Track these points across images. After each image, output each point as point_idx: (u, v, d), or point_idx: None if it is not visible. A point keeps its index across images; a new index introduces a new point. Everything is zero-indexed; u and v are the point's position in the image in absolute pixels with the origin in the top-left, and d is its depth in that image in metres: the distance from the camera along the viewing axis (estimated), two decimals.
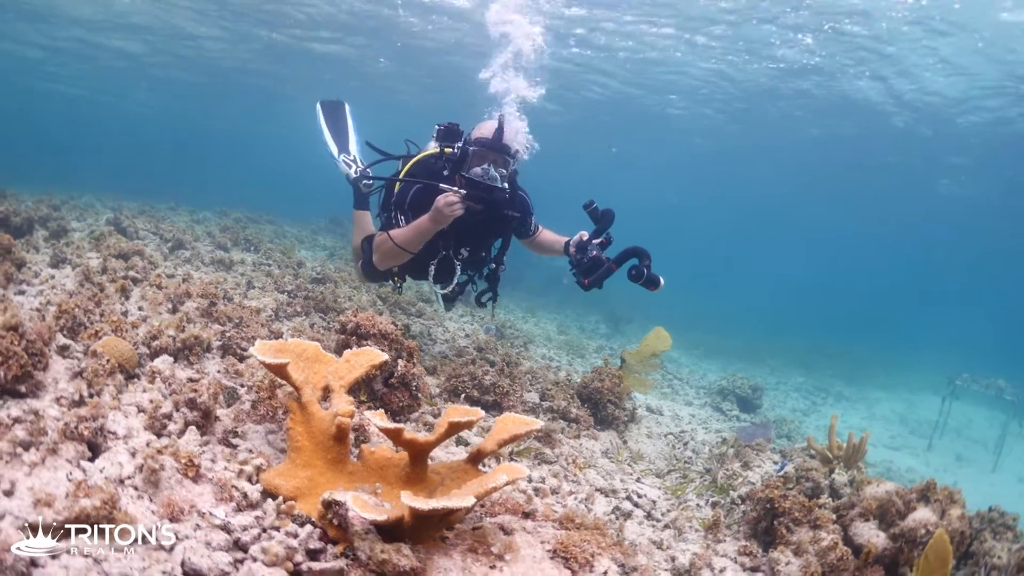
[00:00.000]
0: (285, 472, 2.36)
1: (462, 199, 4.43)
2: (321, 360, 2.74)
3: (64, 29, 21.40)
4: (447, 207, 4.41)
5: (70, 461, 2.15)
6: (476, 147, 4.66)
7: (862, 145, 22.92)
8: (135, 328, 3.63)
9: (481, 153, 4.65)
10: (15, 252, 4.86)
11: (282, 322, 5.31)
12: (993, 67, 14.75)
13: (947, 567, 2.67)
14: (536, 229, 5.30)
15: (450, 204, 4.41)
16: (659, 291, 4.28)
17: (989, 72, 15.08)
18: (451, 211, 4.43)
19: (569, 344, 11.58)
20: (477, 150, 4.66)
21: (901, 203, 31.83)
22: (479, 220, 4.72)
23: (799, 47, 15.57)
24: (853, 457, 4.64)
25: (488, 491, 2.05)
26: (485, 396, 4.54)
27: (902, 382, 19.23)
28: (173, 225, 9.98)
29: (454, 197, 4.41)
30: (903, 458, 12.50)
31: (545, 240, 5.28)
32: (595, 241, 4.48)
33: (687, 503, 4.09)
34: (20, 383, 2.49)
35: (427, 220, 4.57)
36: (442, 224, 4.55)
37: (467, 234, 4.96)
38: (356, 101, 6.89)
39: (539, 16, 13.21)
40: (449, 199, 4.41)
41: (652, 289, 4.28)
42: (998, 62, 14.42)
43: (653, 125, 25.88)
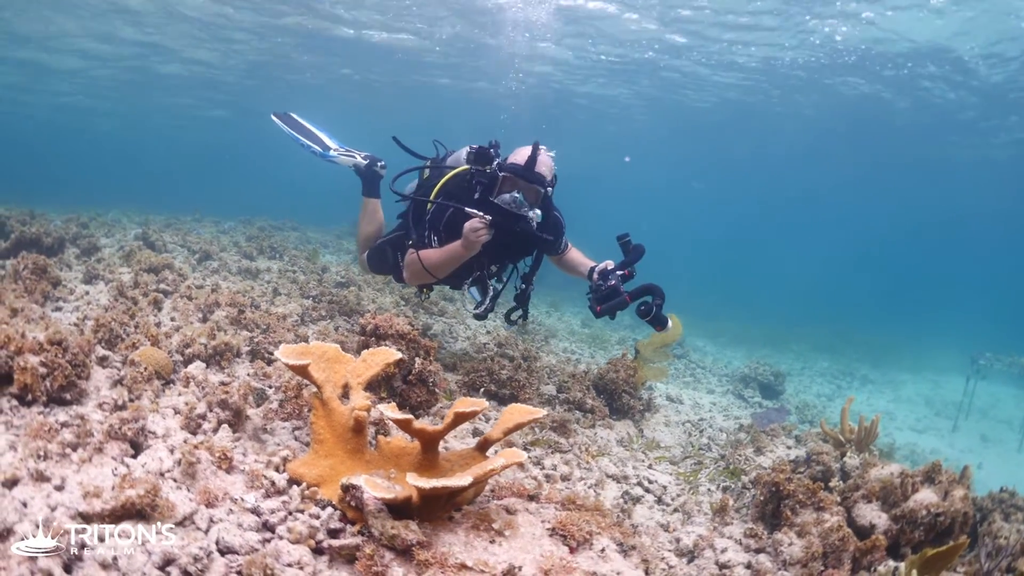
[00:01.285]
0: (309, 462, 2.58)
1: (487, 225, 4.43)
2: (341, 360, 2.95)
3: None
4: (472, 233, 4.42)
5: (115, 458, 2.39)
6: (507, 173, 4.63)
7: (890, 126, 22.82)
8: (168, 338, 3.87)
9: (511, 180, 4.63)
10: (50, 271, 5.10)
11: (307, 326, 5.51)
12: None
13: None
14: (565, 248, 5.24)
15: (475, 230, 4.41)
16: (664, 332, 4.49)
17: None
18: (476, 237, 4.43)
19: (592, 337, 11.67)
20: (508, 176, 4.63)
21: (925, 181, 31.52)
22: (507, 241, 4.74)
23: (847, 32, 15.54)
24: (865, 440, 4.66)
25: (486, 472, 2.24)
26: (502, 390, 4.72)
27: (928, 364, 19.04)
28: (200, 237, 10.27)
29: (479, 224, 4.41)
30: (928, 440, 12.45)
31: (572, 260, 5.21)
32: (618, 272, 4.51)
33: (698, 488, 4.23)
34: (65, 392, 2.74)
35: (459, 247, 4.57)
36: (473, 251, 4.56)
37: (496, 252, 4.97)
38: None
39: None
40: (474, 225, 4.41)
41: (658, 329, 4.46)
42: None
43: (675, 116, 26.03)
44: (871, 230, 56.21)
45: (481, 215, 4.43)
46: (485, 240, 4.48)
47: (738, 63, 18.65)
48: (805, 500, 3.41)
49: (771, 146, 29.15)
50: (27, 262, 4.96)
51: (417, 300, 7.97)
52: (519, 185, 4.61)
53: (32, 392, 2.61)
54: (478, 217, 4.43)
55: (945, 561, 2.71)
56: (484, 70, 21.84)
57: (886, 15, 14.07)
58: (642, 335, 12.88)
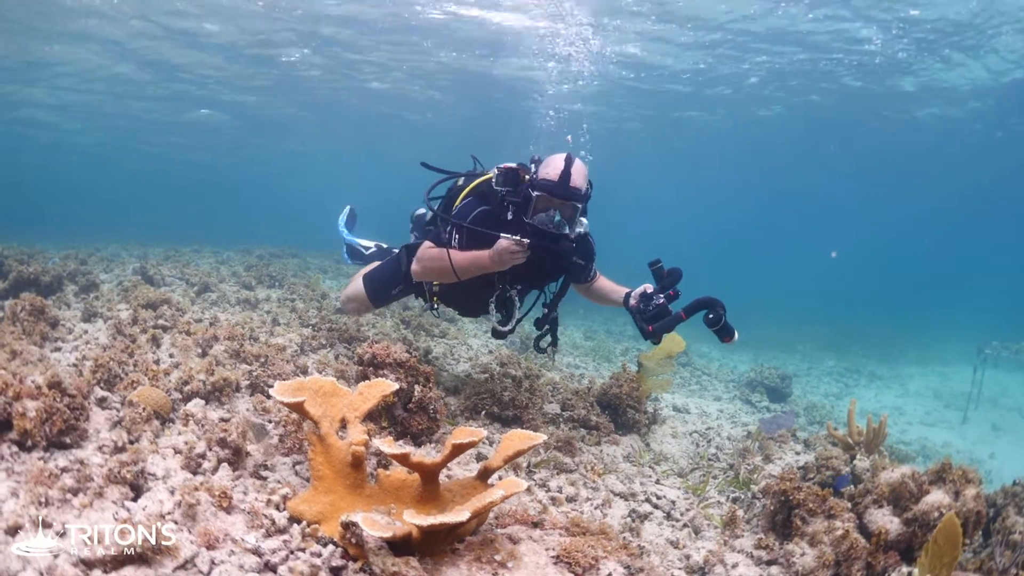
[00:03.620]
0: (309, 499, 2.56)
1: (525, 249, 4.21)
2: (337, 394, 2.93)
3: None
4: (509, 255, 4.22)
5: (115, 502, 2.38)
6: (541, 192, 4.34)
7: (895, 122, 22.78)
8: (167, 375, 3.86)
9: (546, 198, 4.35)
10: (48, 312, 5.10)
11: (307, 356, 5.50)
12: None
13: (957, 549, 2.70)
14: (594, 276, 5.02)
15: (511, 252, 4.20)
16: (732, 343, 4.08)
17: None
18: (512, 259, 4.22)
19: (595, 350, 11.68)
20: (541, 195, 4.34)
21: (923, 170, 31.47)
22: (544, 262, 4.52)
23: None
24: (874, 442, 4.59)
25: (485, 506, 2.22)
26: (505, 412, 4.69)
27: (935, 356, 19.00)
28: (198, 269, 10.29)
29: (517, 248, 4.18)
30: (939, 433, 12.40)
31: (602, 289, 4.98)
32: (660, 295, 4.19)
33: (707, 501, 4.19)
34: (65, 435, 2.72)
35: (487, 259, 4.34)
36: (501, 268, 4.35)
37: (523, 274, 4.71)
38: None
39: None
40: (512, 248, 4.19)
41: (726, 340, 4.04)
42: None
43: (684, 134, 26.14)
44: (870, 224, 56.17)
45: (518, 239, 4.19)
46: (519, 262, 4.27)
47: (743, 69, 18.67)
48: (816, 508, 3.39)
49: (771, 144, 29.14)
50: (24, 303, 4.95)
51: (417, 321, 7.95)
52: (554, 203, 4.35)
53: (32, 437, 2.60)
54: (516, 240, 4.19)
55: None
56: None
57: None
58: (646, 345, 12.85)
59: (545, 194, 4.33)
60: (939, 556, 2.74)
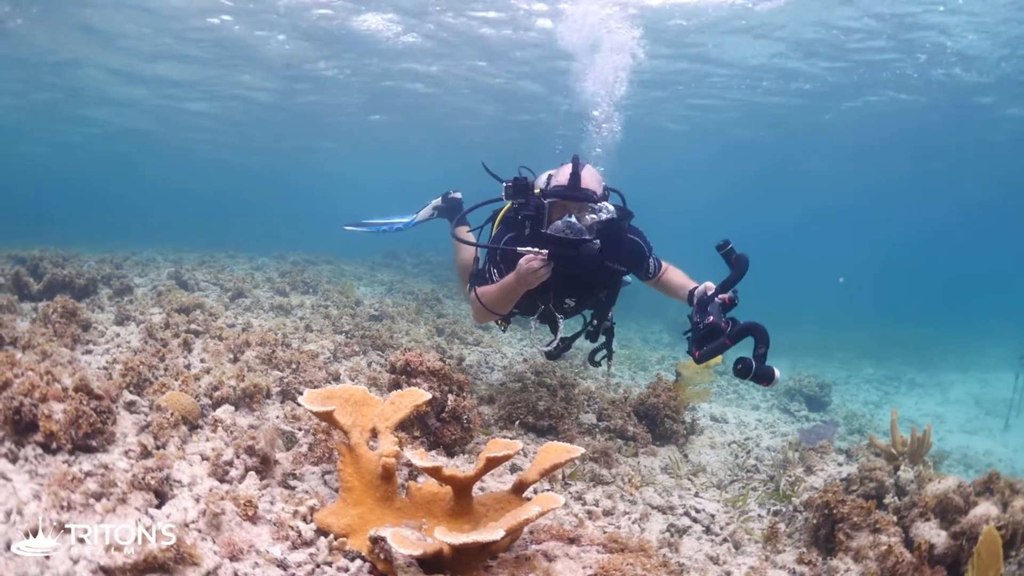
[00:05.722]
0: (337, 511, 2.48)
1: (546, 261, 4.03)
2: (368, 403, 2.86)
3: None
4: (531, 274, 4.05)
5: (139, 509, 2.31)
6: (553, 198, 4.21)
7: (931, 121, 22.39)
8: (197, 380, 3.82)
9: (560, 204, 4.20)
10: (80, 314, 5.11)
11: (340, 363, 5.45)
12: None
13: (999, 562, 2.63)
14: (658, 270, 4.76)
15: (532, 270, 4.03)
16: (772, 386, 3.67)
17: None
18: (536, 277, 4.06)
19: (631, 358, 11.52)
20: (555, 202, 4.21)
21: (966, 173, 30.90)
22: (574, 271, 4.21)
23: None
24: (918, 452, 4.43)
25: (520, 523, 2.11)
26: (540, 421, 4.58)
27: (975, 362, 18.50)
28: (232, 275, 10.31)
29: (537, 262, 4.01)
30: (980, 441, 12.07)
31: (671, 282, 4.72)
32: (717, 298, 3.77)
33: (748, 514, 4.06)
34: (91, 439, 2.67)
35: (513, 281, 4.19)
36: (530, 286, 4.15)
37: (567, 286, 4.54)
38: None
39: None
40: (532, 265, 4.02)
41: (763, 384, 3.50)
42: None
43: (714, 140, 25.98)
44: (910, 228, 55.45)
45: (536, 251, 4.03)
46: (544, 277, 4.07)
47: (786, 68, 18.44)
48: (860, 522, 3.28)
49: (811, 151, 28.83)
50: (57, 306, 4.96)
51: (452, 329, 7.89)
52: (569, 208, 4.16)
53: (57, 440, 2.57)
54: (533, 253, 4.03)
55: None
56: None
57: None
58: (681, 352, 12.69)
59: (559, 200, 4.19)
60: (983, 570, 2.67)
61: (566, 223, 4.07)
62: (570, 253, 4.05)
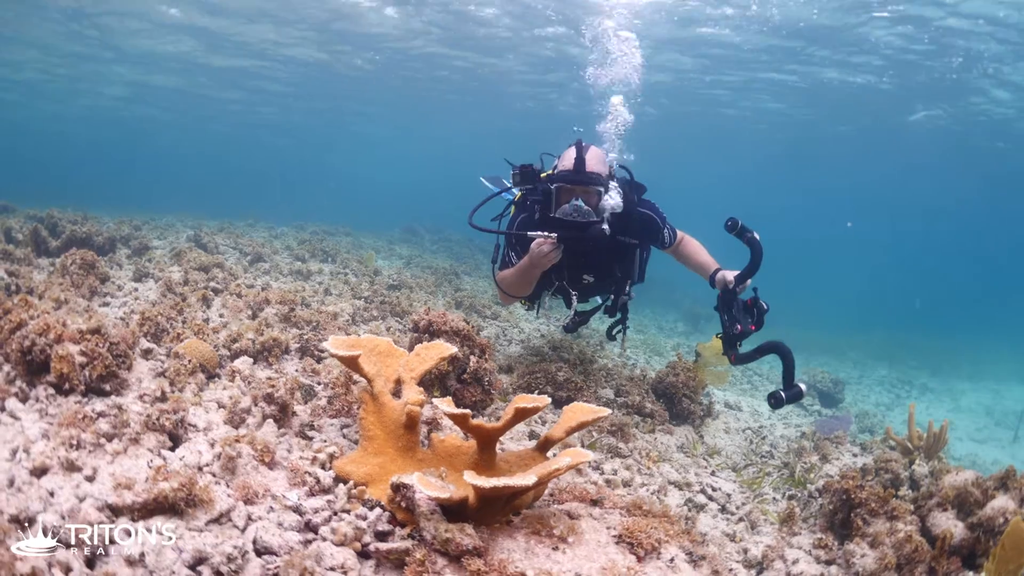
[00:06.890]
0: (357, 459, 2.43)
1: (556, 244, 4.17)
2: (393, 354, 2.81)
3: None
4: (540, 256, 4.19)
5: (151, 450, 2.26)
6: (559, 183, 4.31)
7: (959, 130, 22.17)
8: (216, 333, 3.78)
9: (566, 189, 4.30)
10: (98, 267, 5.06)
11: (358, 326, 5.40)
12: None
13: (1023, 555, 2.60)
14: (673, 238, 4.85)
15: (543, 254, 4.18)
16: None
17: None
18: (547, 260, 4.21)
19: (646, 343, 11.47)
20: (561, 186, 4.31)
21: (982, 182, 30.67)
22: (587, 250, 4.41)
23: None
24: (934, 447, 4.49)
25: (551, 472, 2.04)
26: (559, 392, 4.54)
27: (988, 372, 18.37)
28: (252, 240, 10.28)
29: (547, 246, 4.16)
30: (989, 451, 11.98)
31: (691, 254, 4.83)
32: (737, 289, 4.11)
33: (763, 497, 4.03)
34: (105, 382, 2.62)
35: (527, 264, 4.33)
36: (543, 267, 4.31)
37: (581, 264, 4.67)
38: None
39: None
40: (542, 249, 4.17)
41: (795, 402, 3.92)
42: None
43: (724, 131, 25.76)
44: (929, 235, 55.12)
45: (546, 235, 4.16)
46: (555, 260, 4.24)
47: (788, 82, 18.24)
48: (877, 509, 3.24)
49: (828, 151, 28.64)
50: (75, 257, 4.92)
51: (469, 302, 7.85)
52: (576, 191, 4.27)
53: (70, 381, 2.51)
54: (543, 236, 4.16)
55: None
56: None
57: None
58: (696, 341, 12.63)
59: (564, 184, 4.29)
60: (1005, 562, 2.63)
61: (573, 207, 4.23)
62: (578, 235, 4.22)
